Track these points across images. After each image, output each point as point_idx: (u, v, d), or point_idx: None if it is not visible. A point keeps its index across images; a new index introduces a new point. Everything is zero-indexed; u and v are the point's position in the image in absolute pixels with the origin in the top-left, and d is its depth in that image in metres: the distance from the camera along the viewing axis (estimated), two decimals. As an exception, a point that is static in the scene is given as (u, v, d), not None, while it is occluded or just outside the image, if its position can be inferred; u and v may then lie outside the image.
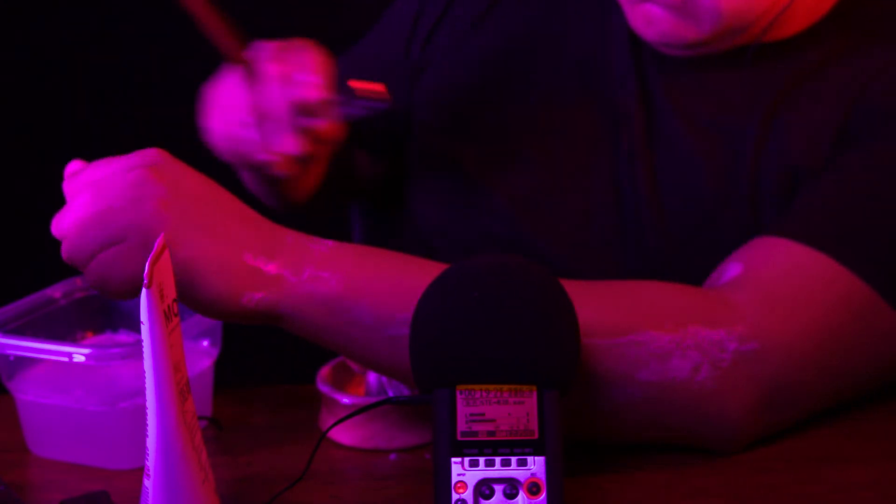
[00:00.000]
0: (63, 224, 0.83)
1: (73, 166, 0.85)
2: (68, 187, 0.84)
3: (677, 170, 1.03)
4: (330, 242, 0.87)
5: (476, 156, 1.10)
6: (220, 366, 0.99)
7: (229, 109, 0.97)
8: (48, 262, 1.17)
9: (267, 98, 0.94)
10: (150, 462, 0.76)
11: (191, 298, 0.83)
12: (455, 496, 0.75)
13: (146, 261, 0.73)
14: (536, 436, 0.76)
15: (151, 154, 0.84)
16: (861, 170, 0.95)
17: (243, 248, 0.83)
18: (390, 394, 0.94)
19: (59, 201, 0.86)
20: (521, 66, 1.11)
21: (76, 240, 0.82)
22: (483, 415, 0.76)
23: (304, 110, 0.94)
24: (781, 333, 0.88)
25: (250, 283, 0.83)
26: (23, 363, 0.94)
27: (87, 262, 0.82)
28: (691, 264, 0.99)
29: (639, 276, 0.96)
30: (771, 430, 0.91)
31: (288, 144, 0.94)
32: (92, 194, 0.82)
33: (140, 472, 0.78)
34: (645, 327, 0.86)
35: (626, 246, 1.04)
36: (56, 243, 0.90)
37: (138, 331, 0.75)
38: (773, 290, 0.90)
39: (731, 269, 0.92)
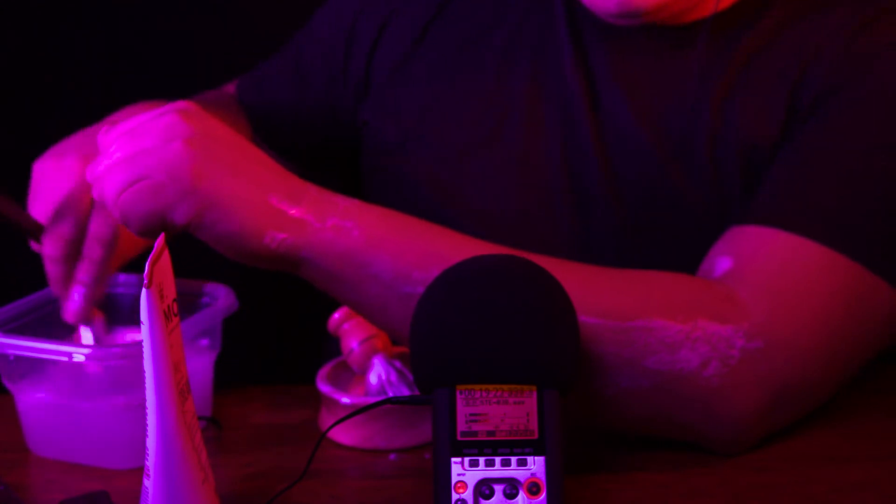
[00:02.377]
0: (97, 169, 0.84)
1: (109, 122, 0.87)
2: (103, 140, 0.85)
3: (630, 155, 1.03)
4: (353, 199, 0.88)
5: (429, 170, 1.10)
6: (220, 366, 0.99)
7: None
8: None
9: (48, 274, 0.96)
10: (150, 462, 0.76)
11: (212, 234, 0.83)
12: (455, 496, 0.75)
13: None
14: (536, 436, 0.76)
15: (182, 104, 0.86)
16: (828, 143, 0.94)
17: (268, 190, 0.84)
18: (390, 394, 0.94)
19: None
20: (470, 69, 1.11)
21: (106, 180, 0.83)
22: (483, 415, 0.76)
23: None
24: (786, 331, 0.88)
25: (273, 223, 0.84)
26: (23, 363, 0.94)
27: (114, 200, 0.83)
28: (657, 247, 1.00)
29: (603, 255, 0.97)
30: (774, 430, 0.91)
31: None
32: (125, 141, 0.84)
33: (140, 472, 0.79)
34: (656, 315, 0.86)
35: (587, 234, 1.04)
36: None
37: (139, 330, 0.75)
38: (774, 285, 0.89)
39: (721, 262, 0.92)
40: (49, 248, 0.94)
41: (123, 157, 0.83)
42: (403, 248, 0.86)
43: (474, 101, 1.10)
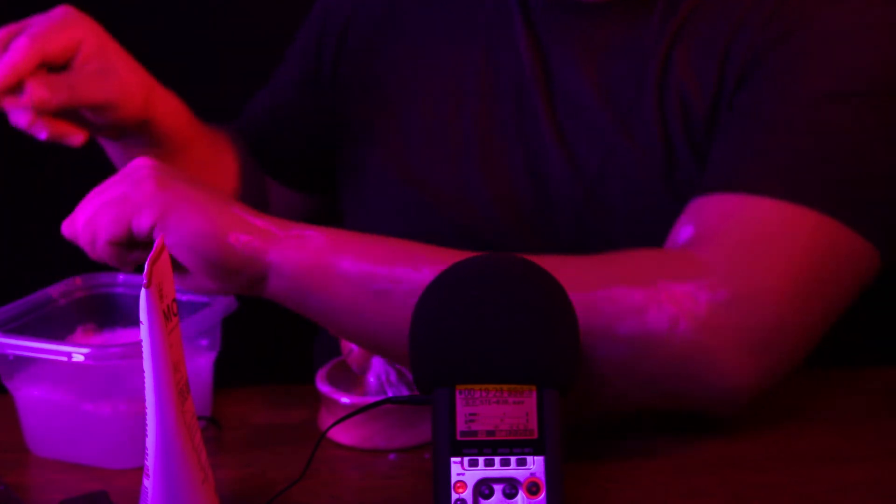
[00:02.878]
0: (74, 223, 0.88)
1: None
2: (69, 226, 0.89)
3: (583, 123, 1.04)
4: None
5: (399, 159, 1.11)
6: (220, 366, 0.99)
7: None
8: (48, 262, 1.17)
9: None
10: (150, 462, 0.76)
11: (177, 236, 0.84)
12: (454, 496, 0.75)
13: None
14: (536, 435, 0.76)
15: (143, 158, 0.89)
16: (775, 99, 0.94)
17: (232, 203, 0.87)
18: (390, 394, 0.94)
19: (58, 200, 0.87)
20: (429, 53, 1.12)
21: (79, 218, 0.87)
22: (483, 415, 0.76)
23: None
24: (751, 278, 0.88)
25: (237, 226, 0.86)
26: (23, 363, 0.94)
27: (84, 227, 0.87)
28: (617, 220, 1.02)
29: (565, 230, 1.00)
30: (767, 382, 0.89)
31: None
32: (95, 194, 0.88)
33: (140, 472, 0.78)
34: (618, 283, 0.86)
35: (550, 211, 1.05)
36: (55, 243, 0.90)
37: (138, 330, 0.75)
38: (734, 240, 0.89)
39: (684, 231, 0.92)
40: None
41: (96, 203, 0.86)
42: (366, 248, 0.87)
43: (434, 83, 1.11)
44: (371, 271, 0.86)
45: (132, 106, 1.00)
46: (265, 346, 1.49)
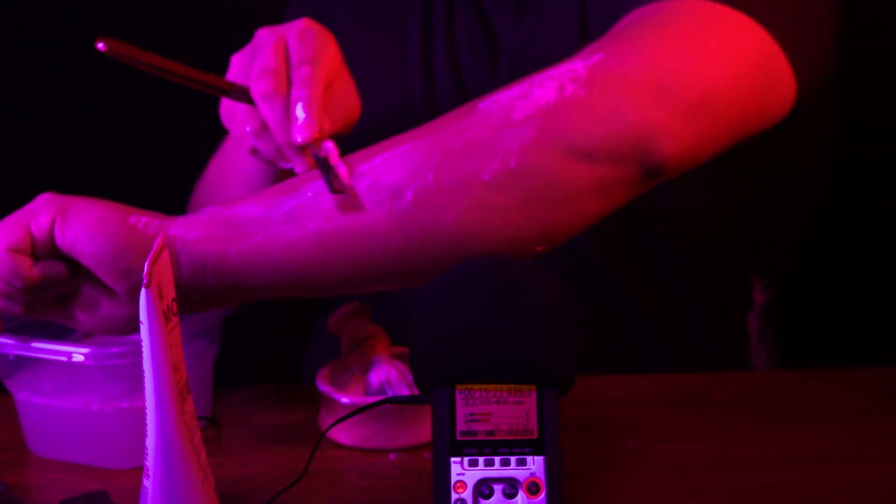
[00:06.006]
0: None
1: None
2: None
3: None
4: None
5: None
6: (220, 366, 0.99)
7: (237, 121, 0.94)
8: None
9: (268, 123, 0.91)
10: (150, 462, 0.76)
11: (77, 228, 0.81)
12: (454, 496, 0.75)
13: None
14: (536, 435, 0.76)
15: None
16: None
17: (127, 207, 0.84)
18: (390, 394, 0.94)
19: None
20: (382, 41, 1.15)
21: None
22: (482, 414, 0.76)
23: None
24: (629, 41, 0.88)
25: (135, 211, 0.83)
26: (22, 363, 0.94)
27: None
28: None
29: None
30: (682, 122, 0.87)
31: (298, 166, 0.91)
32: None
33: (140, 471, 0.78)
34: (499, 91, 0.86)
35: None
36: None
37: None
38: (619, 26, 0.90)
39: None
40: (260, 86, 0.89)
41: None
42: (259, 193, 0.85)
43: (386, 70, 1.13)
44: (272, 199, 0.84)
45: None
46: (265, 346, 1.49)
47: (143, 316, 0.73)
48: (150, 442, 0.76)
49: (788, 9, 0.95)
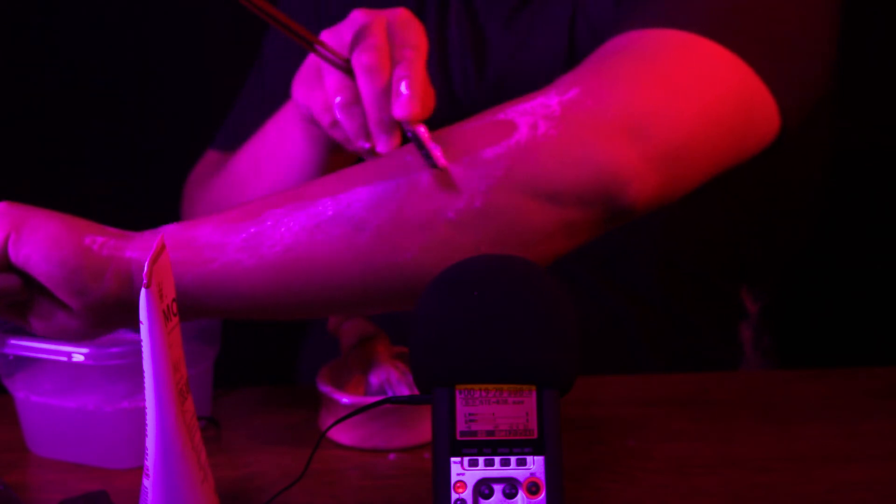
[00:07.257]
0: None
1: None
2: None
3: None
4: None
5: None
6: (220, 366, 0.99)
7: (326, 91, 0.93)
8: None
9: (364, 96, 0.90)
10: (150, 462, 0.76)
11: (32, 246, 0.81)
12: (454, 496, 0.75)
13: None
14: (536, 435, 0.76)
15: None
16: None
17: (82, 219, 0.84)
18: (390, 394, 0.94)
19: (59, 200, 0.86)
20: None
21: None
22: (482, 414, 0.76)
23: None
24: (601, 74, 0.87)
25: (91, 229, 0.82)
26: (22, 363, 0.94)
27: None
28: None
29: None
30: (654, 165, 0.87)
31: (382, 144, 0.90)
32: None
33: (139, 471, 0.78)
34: (472, 120, 0.85)
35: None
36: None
37: (137, 330, 0.75)
38: (595, 57, 0.89)
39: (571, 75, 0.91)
40: (365, 58, 0.89)
41: None
42: (221, 215, 0.84)
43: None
44: (231, 224, 0.83)
45: None
46: (265, 346, 1.49)
47: (143, 316, 0.73)
48: (150, 442, 0.76)
49: (774, 35, 0.94)
